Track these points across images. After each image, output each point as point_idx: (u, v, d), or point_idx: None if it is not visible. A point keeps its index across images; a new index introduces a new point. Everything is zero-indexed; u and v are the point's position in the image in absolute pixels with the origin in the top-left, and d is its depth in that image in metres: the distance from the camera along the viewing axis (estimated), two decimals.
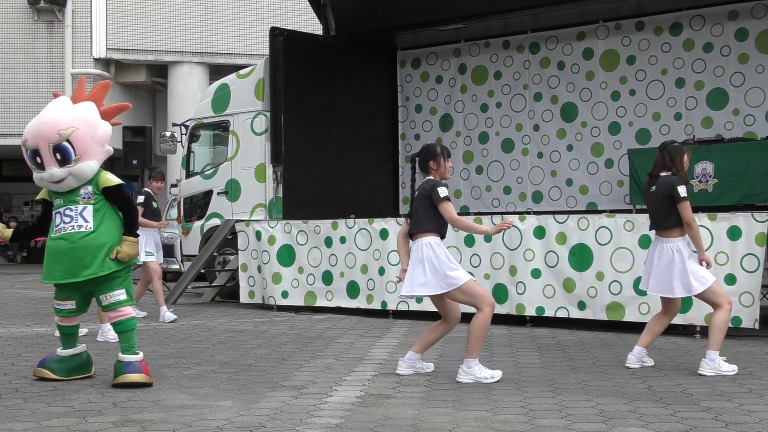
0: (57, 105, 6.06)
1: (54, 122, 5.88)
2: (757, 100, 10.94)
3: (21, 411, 5.13)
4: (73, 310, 6.14)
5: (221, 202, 12.84)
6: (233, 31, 21.92)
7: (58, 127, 5.85)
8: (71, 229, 5.93)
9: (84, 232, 5.91)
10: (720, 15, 11.18)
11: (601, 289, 8.69)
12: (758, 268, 7.97)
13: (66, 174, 5.89)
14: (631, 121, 11.83)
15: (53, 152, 5.86)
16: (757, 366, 6.60)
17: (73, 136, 5.85)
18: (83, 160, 5.90)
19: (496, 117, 12.99)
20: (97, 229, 5.94)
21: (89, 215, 5.94)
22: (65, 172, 5.88)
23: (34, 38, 22.14)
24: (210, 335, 8.63)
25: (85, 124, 5.92)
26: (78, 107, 6.03)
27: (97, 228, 5.94)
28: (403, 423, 4.78)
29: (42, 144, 5.89)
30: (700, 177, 9.96)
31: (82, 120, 5.93)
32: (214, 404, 5.30)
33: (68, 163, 5.87)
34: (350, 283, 10.37)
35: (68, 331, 6.23)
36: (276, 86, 11.97)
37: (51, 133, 5.85)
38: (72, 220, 5.95)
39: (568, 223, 8.93)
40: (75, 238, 5.90)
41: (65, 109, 6.00)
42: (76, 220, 5.93)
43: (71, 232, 5.92)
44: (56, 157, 5.86)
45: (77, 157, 5.87)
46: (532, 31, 12.61)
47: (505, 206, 12.73)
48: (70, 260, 5.91)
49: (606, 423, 4.77)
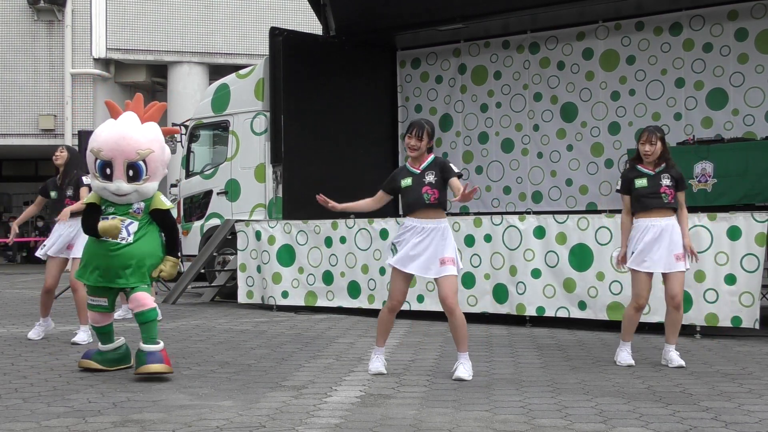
0: (133, 123, 6.34)
1: (135, 141, 6.20)
2: (757, 100, 10.94)
3: (21, 411, 5.13)
4: (106, 308, 6.46)
5: (221, 202, 12.84)
6: (233, 31, 21.92)
7: (138, 147, 6.19)
8: (113, 239, 6.24)
9: (123, 244, 6.24)
10: (720, 15, 11.18)
11: (601, 289, 8.69)
12: (758, 268, 7.97)
13: (132, 190, 6.24)
14: (630, 121, 11.83)
15: (127, 168, 6.18)
16: (756, 366, 6.60)
17: (149, 157, 6.22)
18: (150, 180, 6.28)
19: (495, 117, 12.99)
20: (137, 241, 6.27)
21: (133, 230, 6.29)
22: (132, 188, 6.23)
23: (33, 38, 22.14)
24: (210, 335, 8.63)
25: (159, 148, 6.32)
26: (152, 129, 6.37)
27: (138, 240, 6.28)
28: (403, 423, 4.78)
29: (119, 158, 6.19)
30: (700, 177, 9.96)
31: (157, 143, 6.32)
32: (214, 404, 5.30)
33: (137, 181, 6.22)
34: (351, 283, 10.38)
35: (103, 330, 6.53)
36: (276, 86, 11.97)
37: (131, 150, 6.18)
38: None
39: (568, 223, 8.93)
40: (113, 247, 6.23)
41: (143, 130, 6.32)
42: (120, 232, 6.24)
43: (113, 241, 6.24)
44: (128, 174, 6.19)
45: (146, 177, 6.24)
46: (532, 31, 12.61)
47: (504, 206, 12.72)
48: (105, 267, 6.27)
49: (606, 423, 4.77)
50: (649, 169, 6.60)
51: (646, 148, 6.58)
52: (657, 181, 6.55)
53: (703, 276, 8.15)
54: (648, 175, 6.58)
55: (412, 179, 6.16)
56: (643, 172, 6.62)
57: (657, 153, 6.58)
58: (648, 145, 6.58)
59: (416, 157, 6.21)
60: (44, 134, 21.61)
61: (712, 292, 8.12)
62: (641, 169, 6.64)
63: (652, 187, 6.54)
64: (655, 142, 6.58)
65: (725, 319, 8.09)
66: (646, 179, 6.57)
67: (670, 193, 6.54)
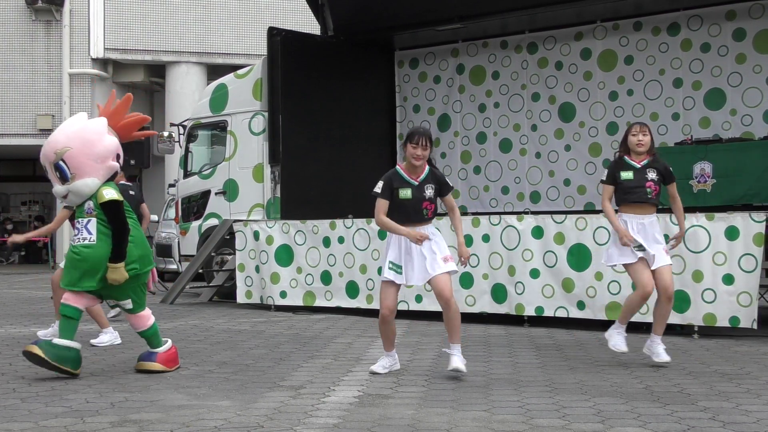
0: (66, 123, 6.37)
1: (54, 142, 6.20)
2: (755, 100, 10.94)
3: (18, 411, 5.13)
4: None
5: (219, 202, 12.83)
6: (231, 31, 21.92)
7: (56, 147, 6.16)
8: (78, 241, 6.25)
9: (87, 245, 6.18)
10: (718, 15, 11.19)
11: (600, 289, 8.70)
12: (756, 268, 7.97)
13: (66, 191, 6.22)
14: (629, 121, 11.73)
15: (54, 170, 6.18)
16: (755, 366, 6.61)
17: (67, 155, 6.13)
18: (79, 177, 6.16)
19: (494, 117, 12.99)
20: (99, 243, 6.18)
21: (93, 228, 6.21)
22: (65, 189, 6.22)
23: (31, 38, 22.14)
24: (208, 335, 8.63)
25: (79, 143, 6.16)
26: (81, 124, 6.29)
27: (100, 241, 6.19)
28: (401, 423, 4.78)
29: (45, 163, 6.25)
30: (699, 177, 9.96)
31: (78, 139, 6.18)
32: (212, 404, 5.29)
33: (66, 181, 6.17)
34: (349, 283, 10.37)
35: (68, 312, 6.19)
36: (274, 86, 11.96)
37: (50, 152, 6.20)
38: (80, 232, 6.28)
39: (566, 223, 8.94)
40: (79, 249, 6.20)
41: (67, 128, 6.28)
42: (81, 233, 6.25)
43: (78, 243, 6.23)
44: (57, 175, 6.19)
45: (73, 175, 6.15)
46: (530, 31, 12.61)
47: (503, 206, 12.72)
48: (78, 271, 6.19)
49: (603, 423, 4.77)
50: (636, 161, 6.62)
51: (639, 138, 6.61)
52: (643, 175, 6.58)
53: (701, 276, 8.15)
54: (634, 168, 6.61)
55: (412, 191, 6.08)
56: (630, 164, 6.64)
57: (648, 144, 6.63)
58: (641, 135, 6.62)
59: (418, 165, 6.13)
60: (42, 134, 21.55)
61: (710, 292, 8.12)
62: (628, 161, 6.66)
63: (638, 180, 6.57)
64: (647, 133, 6.63)
65: (723, 319, 8.09)
66: (632, 172, 6.60)
67: (655, 189, 6.59)
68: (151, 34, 21.84)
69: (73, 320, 6.23)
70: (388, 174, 6.20)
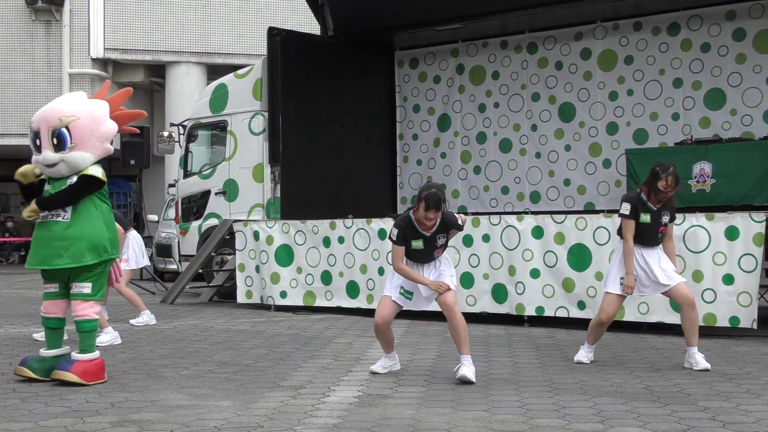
0: (69, 95, 6.27)
1: (59, 109, 6.08)
2: (755, 100, 10.94)
3: (18, 411, 5.13)
4: (56, 294, 6.16)
5: (219, 202, 12.83)
6: (231, 31, 21.92)
7: (61, 114, 6.03)
8: (51, 217, 6.07)
9: (61, 222, 6.03)
10: (718, 15, 11.18)
11: (600, 289, 8.66)
12: (756, 268, 7.97)
13: (59, 159, 6.04)
14: (628, 121, 11.83)
15: (51, 137, 6.01)
16: (754, 366, 6.61)
17: (73, 124, 6.01)
18: (77, 149, 6.04)
19: (493, 117, 12.98)
20: (74, 221, 6.03)
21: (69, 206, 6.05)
22: (58, 157, 6.03)
23: (31, 38, 22.13)
24: (208, 335, 8.63)
25: (88, 117, 6.09)
26: (88, 101, 6.22)
27: (75, 220, 6.04)
28: (401, 423, 4.78)
29: (43, 127, 6.06)
30: (698, 177, 9.97)
31: (86, 112, 6.10)
32: (212, 404, 5.29)
33: (63, 150, 6.01)
34: (350, 283, 10.37)
35: (51, 324, 6.18)
36: (274, 86, 11.96)
37: (53, 117, 6.03)
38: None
39: (566, 223, 8.94)
40: (52, 227, 6.04)
41: (74, 100, 6.19)
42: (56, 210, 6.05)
43: (51, 220, 6.06)
44: (53, 142, 6.01)
45: (72, 145, 6.02)
46: (530, 31, 12.61)
47: (502, 206, 12.72)
48: (46, 248, 6.04)
49: (603, 423, 4.76)
50: (654, 204, 6.60)
51: (668, 191, 6.52)
52: (658, 219, 6.60)
53: (701, 276, 8.15)
54: (651, 212, 6.59)
55: (424, 242, 6.13)
56: (649, 207, 6.60)
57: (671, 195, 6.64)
58: (671, 190, 6.53)
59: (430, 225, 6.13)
60: None
61: (710, 292, 8.12)
62: (648, 204, 6.59)
63: (654, 224, 6.58)
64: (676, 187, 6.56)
65: (723, 319, 8.09)
66: (650, 215, 6.57)
67: (664, 231, 6.65)
68: (151, 34, 21.84)
69: (57, 330, 6.20)
70: (402, 222, 6.18)
